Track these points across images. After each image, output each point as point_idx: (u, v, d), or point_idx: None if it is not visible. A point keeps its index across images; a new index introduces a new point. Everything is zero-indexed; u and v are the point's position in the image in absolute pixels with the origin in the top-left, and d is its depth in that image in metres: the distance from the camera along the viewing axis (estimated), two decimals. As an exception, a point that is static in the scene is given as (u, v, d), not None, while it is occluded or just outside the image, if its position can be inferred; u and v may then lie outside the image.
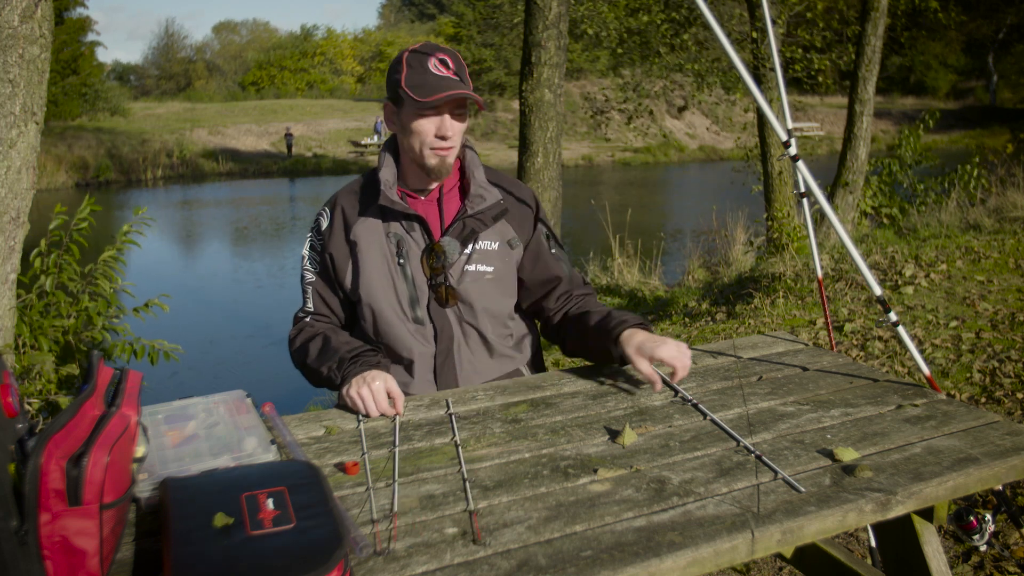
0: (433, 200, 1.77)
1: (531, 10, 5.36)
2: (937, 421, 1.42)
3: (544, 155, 5.47)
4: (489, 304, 1.75)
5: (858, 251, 1.68)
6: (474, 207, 1.73)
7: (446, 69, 1.64)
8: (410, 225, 1.73)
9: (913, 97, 42.43)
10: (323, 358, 1.64)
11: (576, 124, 31.93)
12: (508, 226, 1.78)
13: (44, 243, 3.32)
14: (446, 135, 1.66)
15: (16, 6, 2.17)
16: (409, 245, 1.72)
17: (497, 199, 1.75)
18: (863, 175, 8.64)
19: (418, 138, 1.67)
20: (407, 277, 1.71)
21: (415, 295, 1.71)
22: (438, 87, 1.61)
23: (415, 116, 1.66)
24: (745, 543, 1.07)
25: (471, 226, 1.73)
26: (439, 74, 1.63)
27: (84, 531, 0.93)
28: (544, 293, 1.82)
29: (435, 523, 1.11)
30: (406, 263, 1.71)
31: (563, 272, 1.83)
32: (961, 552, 2.44)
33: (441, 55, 1.67)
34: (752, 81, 1.67)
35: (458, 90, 1.62)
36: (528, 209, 1.83)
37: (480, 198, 1.74)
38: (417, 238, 1.73)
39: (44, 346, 3.12)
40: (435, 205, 1.77)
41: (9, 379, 0.96)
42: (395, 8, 70.44)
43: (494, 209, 1.75)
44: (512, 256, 1.78)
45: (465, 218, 1.72)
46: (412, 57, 1.66)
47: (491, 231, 1.75)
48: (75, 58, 29.29)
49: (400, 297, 1.71)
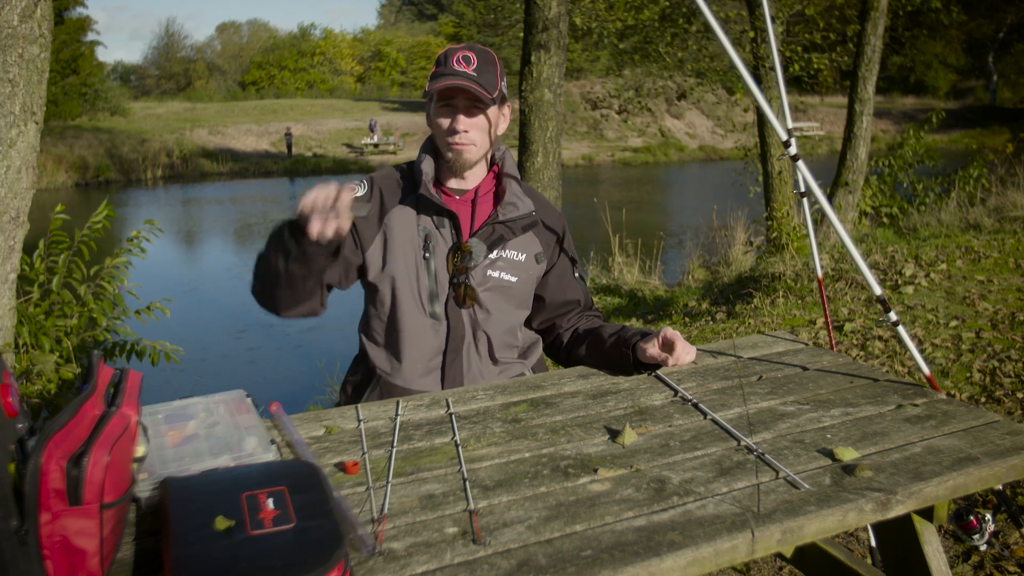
0: (467, 201, 1.78)
1: (531, 10, 5.37)
2: (937, 421, 1.42)
3: (544, 155, 5.47)
4: (505, 312, 1.76)
5: (858, 251, 1.68)
6: (506, 214, 1.74)
7: (466, 65, 1.66)
8: (441, 221, 1.74)
9: (913, 97, 42.44)
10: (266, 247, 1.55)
11: (576, 124, 31.92)
12: (536, 240, 1.80)
13: (42, 244, 3.33)
14: (457, 128, 1.67)
15: (16, 6, 2.17)
16: (437, 241, 1.73)
17: (530, 210, 1.77)
18: (863, 175, 8.64)
19: (438, 131, 1.72)
20: (430, 272, 1.72)
21: (435, 290, 1.72)
22: (446, 80, 1.63)
23: (434, 110, 1.71)
24: (745, 543, 1.07)
25: (500, 232, 1.74)
26: (456, 69, 1.65)
27: (84, 531, 0.93)
28: (560, 313, 1.87)
29: (435, 523, 1.11)
30: (431, 258, 1.72)
31: (581, 297, 1.89)
32: (961, 552, 2.44)
33: (465, 52, 1.68)
34: (752, 81, 1.67)
35: (462, 81, 1.62)
36: (556, 231, 1.85)
37: (513, 206, 1.75)
38: (446, 235, 1.73)
39: (46, 345, 3.12)
40: (468, 206, 1.77)
41: (9, 379, 0.96)
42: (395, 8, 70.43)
43: (525, 219, 1.76)
44: (536, 271, 1.80)
45: (495, 223, 1.74)
46: (443, 54, 1.70)
47: (519, 241, 1.77)
48: (75, 58, 29.31)
49: (421, 290, 1.72)
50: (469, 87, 1.63)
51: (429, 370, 1.74)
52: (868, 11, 8.14)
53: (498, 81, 1.71)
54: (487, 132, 1.72)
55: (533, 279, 1.80)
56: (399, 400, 1.58)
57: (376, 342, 1.79)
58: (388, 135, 31.02)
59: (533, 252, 1.79)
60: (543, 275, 1.83)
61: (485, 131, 1.72)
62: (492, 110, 1.72)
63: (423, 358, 1.73)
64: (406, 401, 1.58)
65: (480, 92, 1.64)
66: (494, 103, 1.71)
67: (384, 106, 38.11)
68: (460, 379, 1.74)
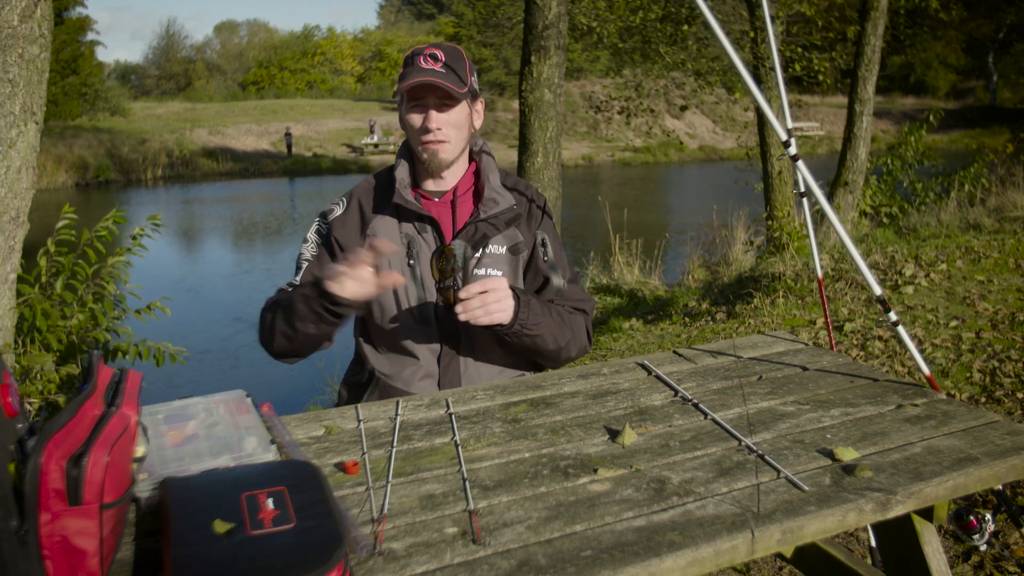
0: (447, 203, 1.77)
1: (531, 10, 5.37)
2: (937, 421, 1.42)
3: (544, 155, 5.47)
4: None
5: (858, 251, 1.68)
6: (487, 211, 1.72)
7: (433, 62, 1.65)
8: (422, 226, 1.72)
9: (913, 97, 42.44)
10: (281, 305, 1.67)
11: (576, 124, 31.91)
12: (517, 231, 1.77)
13: (51, 242, 3.33)
14: (429, 127, 1.66)
15: (15, 6, 2.17)
16: (420, 246, 1.71)
17: (510, 204, 1.75)
18: (863, 175, 8.64)
19: (410, 132, 1.71)
20: (416, 278, 1.71)
21: (423, 296, 1.71)
22: (414, 77, 1.63)
23: (405, 110, 1.70)
24: (745, 543, 1.07)
25: (483, 230, 1.72)
26: (423, 67, 1.65)
27: (84, 531, 0.93)
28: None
29: (435, 523, 1.11)
30: (416, 264, 1.71)
31: (554, 280, 1.78)
32: (961, 552, 2.44)
33: (432, 50, 1.68)
34: (752, 80, 1.67)
35: (430, 77, 1.62)
36: (536, 217, 1.81)
37: (493, 202, 1.73)
38: (428, 239, 1.72)
39: (52, 345, 3.13)
40: (448, 208, 1.76)
41: (9, 379, 0.96)
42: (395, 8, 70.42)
43: (507, 214, 1.74)
44: (519, 261, 1.77)
45: (477, 222, 1.72)
46: (409, 54, 1.70)
47: (500, 236, 1.75)
48: (75, 58, 29.32)
49: (409, 297, 1.71)
50: (438, 82, 1.62)
51: (427, 374, 1.73)
52: (868, 11, 8.14)
53: (468, 76, 1.70)
54: (460, 128, 1.71)
55: (519, 270, 1.77)
56: (399, 400, 1.58)
57: (373, 347, 1.78)
58: (388, 135, 31.04)
59: (514, 243, 1.76)
60: (527, 264, 1.79)
61: (458, 127, 1.70)
62: (463, 105, 1.70)
63: (419, 363, 1.73)
64: (406, 401, 1.58)
65: (449, 87, 1.64)
66: (465, 98, 1.69)
67: (384, 106, 38.11)
68: (458, 381, 1.74)
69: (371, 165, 28.01)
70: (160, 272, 11.43)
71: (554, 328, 1.69)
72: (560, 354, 1.74)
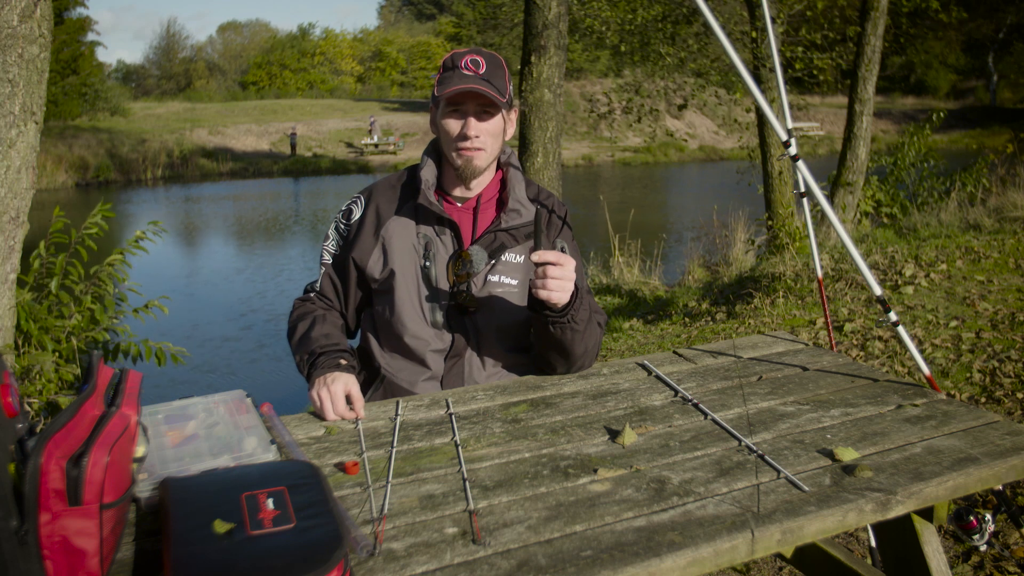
0: (469, 209, 1.76)
1: (531, 10, 5.37)
2: (937, 421, 1.42)
3: (544, 155, 5.47)
4: (508, 317, 1.73)
5: (858, 251, 1.68)
6: (509, 221, 1.72)
7: (475, 68, 1.65)
8: (441, 229, 1.72)
9: (913, 97, 42.44)
10: (301, 346, 1.68)
11: (576, 124, 31.90)
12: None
13: (43, 245, 3.33)
14: (468, 134, 1.65)
15: (15, 6, 2.17)
16: (437, 249, 1.71)
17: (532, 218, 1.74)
18: (863, 175, 8.64)
19: (446, 137, 1.69)
20: (430, 280, 1.70)
21: (436, 299, 1.71)
22: (455, 84, 1.62)
23: (443, 115, 1.68)
24: (745, 543, 1.07)
25: (501, 239, 1.72)
26: (465, 73, 1.64)
27: (84, 531, 0.93)
28: None
29: (435, 523, 1.11)
30: (431, 266, 1.70)
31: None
32: (961, 552, 2.44)
33: (474, 56, 1.67)
34: (752, 81, 1.67)
35: (474, 85, 1.61)
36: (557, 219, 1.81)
37: (516, 213, 1.73)
38: (447, 242, 1.72)
39: (48, 345, 3.12)
40: (470, 214, 1.76)
41: (9, 379, 0.96)
42: (395, 8, 70.44)
43: (528, 227, 1.74)
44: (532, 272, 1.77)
45: (497, 231, 1.72)
46: (449, 58, 1.69)
47: (519, 247, 1.75)
48: (75, 58, 29.33)
49: (421, 299, 1.71)
50: (482, 91, 1.62)
51: (432, 376, 1.73)
52: (868, 11, 8.13)
53: (507, 85, 1.70)
54: (496, 137, 1.71)
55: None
56: (399, 400, 1.58)
57: (380, 344, 1.78)
58: (388, 135, 31.04)
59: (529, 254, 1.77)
60: None
61: (495, 136, 1.70)
62: (502, 115, 1.70)
63: (426, 364, 1.72)
64: (406, 401, 1.58)
65: (494, 96, 1.63)
66: (504, 107, 1.69)
67: (384, 106, 38.11)
68: (462, 383, 1.73)
69: (371, 165, 27.99)
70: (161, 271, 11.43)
71: (586, 333, 1.68)
72: (580, 360, 1.71)
